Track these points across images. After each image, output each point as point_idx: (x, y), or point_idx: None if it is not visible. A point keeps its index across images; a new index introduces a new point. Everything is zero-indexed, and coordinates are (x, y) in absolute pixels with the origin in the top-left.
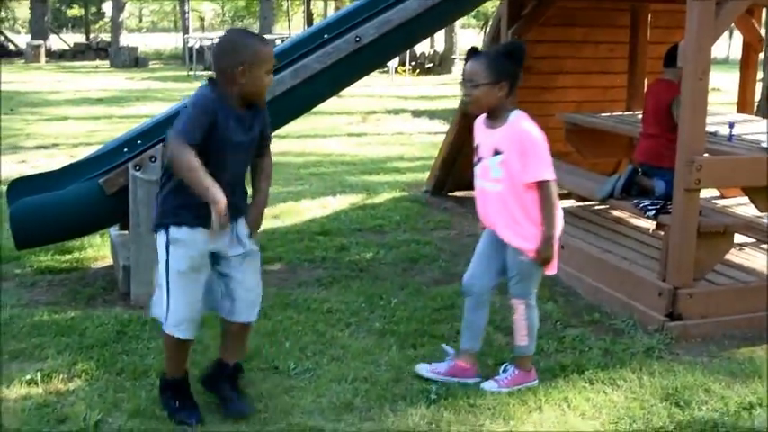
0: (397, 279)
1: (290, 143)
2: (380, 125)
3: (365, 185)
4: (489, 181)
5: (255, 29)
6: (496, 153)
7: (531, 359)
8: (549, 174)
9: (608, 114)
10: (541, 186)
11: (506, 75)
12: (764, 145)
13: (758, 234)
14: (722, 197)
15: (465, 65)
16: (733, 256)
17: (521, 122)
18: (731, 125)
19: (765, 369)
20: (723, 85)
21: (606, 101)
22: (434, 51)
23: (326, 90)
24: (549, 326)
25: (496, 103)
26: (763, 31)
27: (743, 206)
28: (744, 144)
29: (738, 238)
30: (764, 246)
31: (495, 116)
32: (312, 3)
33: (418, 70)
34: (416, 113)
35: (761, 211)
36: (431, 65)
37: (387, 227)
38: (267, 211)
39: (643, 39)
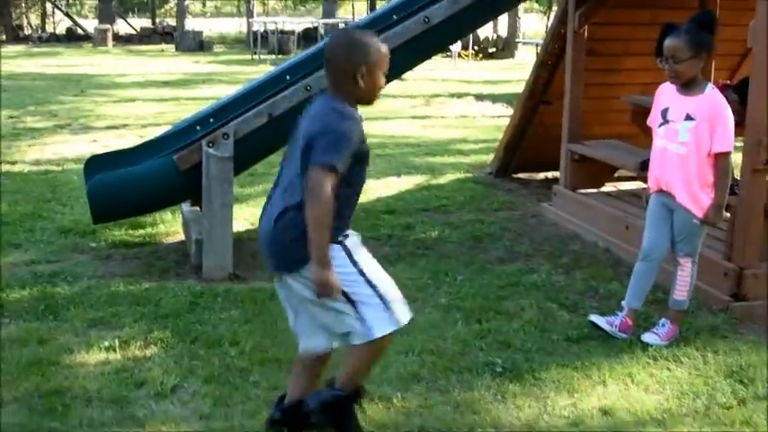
0: (462, 257)
1: None
2: (444, 108)
3: (429, 167)
4: (675, 143)
5: (318, 13)
6: (689, 118)
7: (683, 314)
8: (732, 146)
9: None
10: (723, 157)
11: (704, 46)
12: None
13: None
14: None
15: (665, 41)
16: None
17: (717, 96)
18: None
19: None
20: None
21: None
22: (497, 36)
23: (396, 70)
24: (614, 304)
25: (696, 74)
26: None
27: None
28: None
29: None
30: None
31: (692, 85)
32: None
33: (481, 54)
34: (479, 97)
35: None
36: (494, 49)
37: (451, 207)
38: None
39: (715, 20)
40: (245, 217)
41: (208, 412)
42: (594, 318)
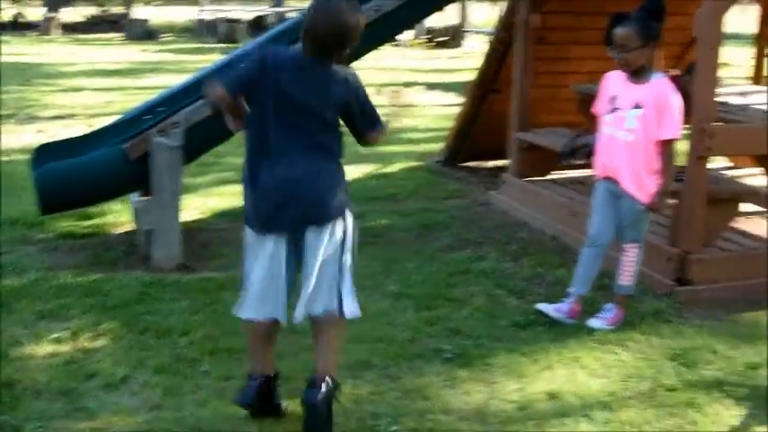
0: (412, 245)
1: None
2: (394, 97)
3: (379, 155)
4: (622, 130)
5: (268, 1)
6: (637, 107)
7: (629, 299)
8: (678, 134)
9: None
10: (669, 144)
11: (653, 35)
12: None
13: (765, 202)
14: (733, 167)
15: (615, 30)
16: (741, 223)
17: (665, 84)
18: (743, 95)
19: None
20: (735, 61)
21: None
22: (447, 25)
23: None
24: (560, 290)
25: (645, 63)
26: None
27: (752, 176)
28: (756, 113)
29: (747, 207)
30: None
31: (641, 73)
32: None
33: (434, 43)
34: (430, 86)
35: None
36: (443, 38)
37: (401, 195)
38: None
39: (663, 9)
40: (196, 206)
41: (158, 402)
42: (542, 306)
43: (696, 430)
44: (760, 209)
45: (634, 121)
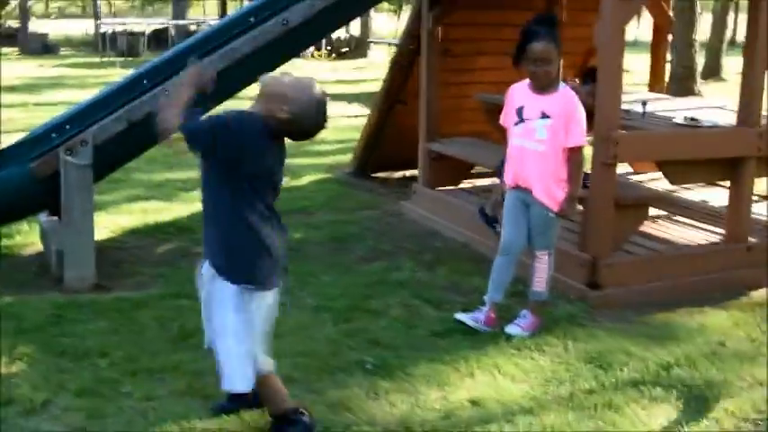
0: (326, 258)
1: None
2: None
3: (288, 168)
4: (532, 141)
5: (168, 14)
6: (544, 116)
7: (543, 305)
8: (584, 141)
9: None
10: (576, 151)
11: (560, 47)
12: (677, 121)
13: (671, 207)
14: (635, 173)
15: (532, 45)
16: (647, 227)
17: (570, 93)
18: (644, 103)
19: (681, 333)
20: (632, 67)
21: (520, 80)
22: (350, 36)
23: (255, 73)
24: (477, 298)
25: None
26: (671, 14)
27: (654, 181)
28: (656, 120)
29: (652, 211)
30: (677, 218)
31: (550, 84)
32: None
33: (334, 55)
34: (335, 97)
35: (673, 184)
36: (346, 49)
37: (312, 208)
38: (194, 195)
39: (558, 20)
40: (105, 225)
41: (82, 426)
42: (460, 316)
43: (616, 431)
44: (665, 212)
45: (543, 130)
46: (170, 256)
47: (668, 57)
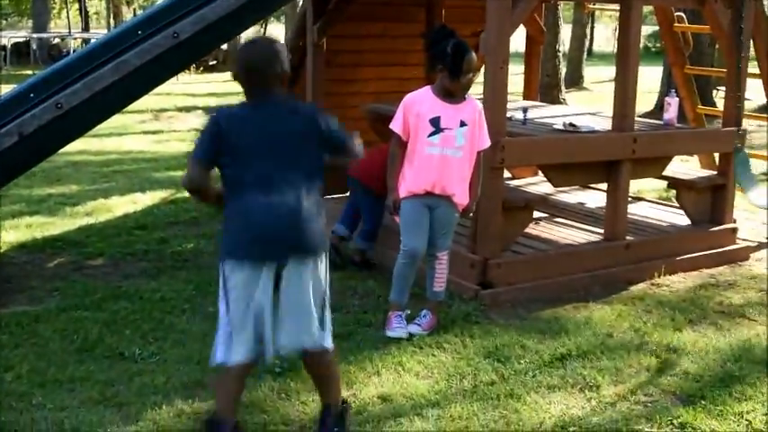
0: None
1: (86, 142)
2: (174, 122)
3: (172, 181)
4: (452, 148)
5: (24, 26)
6: (463, 124)
7: (440, 304)
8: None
9: None
10: (481, 153)
11: None
12: (557, 126)
13: (553, 209)
14: (513, 178)
15: (468, 58)
16: (532, 228)
17: (476, 101)
18: (524, 110)
19: (570, 326)
20: None
21: (404, 92)
22: (219, 49)
23: (145, 86)
24: (374, 300)
25: None
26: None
27: (532, 185)
28: (537, 127)
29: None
30: (558, 219)
31: (459, 94)
32: (86, 1)
33: (202, 68)
34: (208, 110)
35: (555, 186)
36: (214, 62)
37: (201, 218)
38: (79, 209)
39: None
40: None
41: None
42: (392, 333)
43: (520, 418)
44: (546, 214)
45: (462, 138)
46: (62, 270)
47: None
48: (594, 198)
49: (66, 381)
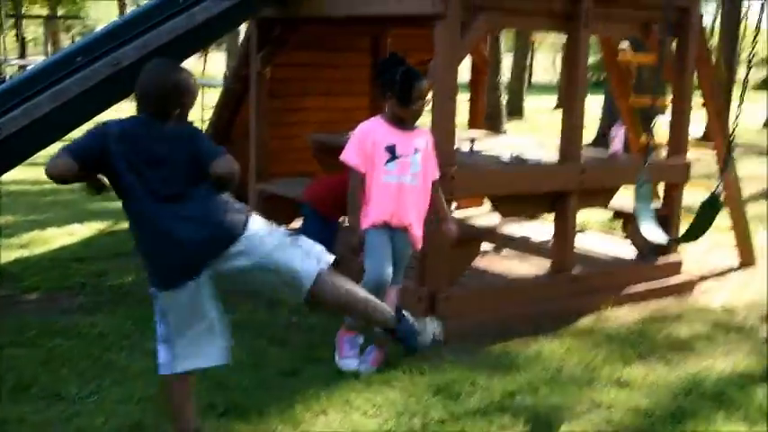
0: None
1: (22, 171)
2: None
3: (110, 212)
4: (409, 175)
5: None
6: (416, 151)
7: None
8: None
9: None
10: (437, 182)
11: None
12: (503, 159)
13: (500, 241)
14: (458, 208)
15: (419, 85)
16: (478, 261)
17: (425, 129)
18: (472, 141)
19: (520, 361)
20: None
21: (348, 121)
22: None
23: (86, 114)
24: (319, 336)
25: None
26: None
27: (476, 217)
28: (484, 158)
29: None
30: (504, 250)
31: (410, 121)
32: (23, 26)
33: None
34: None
35: (504, 216)
36: None
37: None
38: (14, 241)
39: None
40: None
41: None
42: (343, 364)
43: None
44: (493, 245)
45: (417, 165)
46: None
47: None
48: (539, 229)
49: None
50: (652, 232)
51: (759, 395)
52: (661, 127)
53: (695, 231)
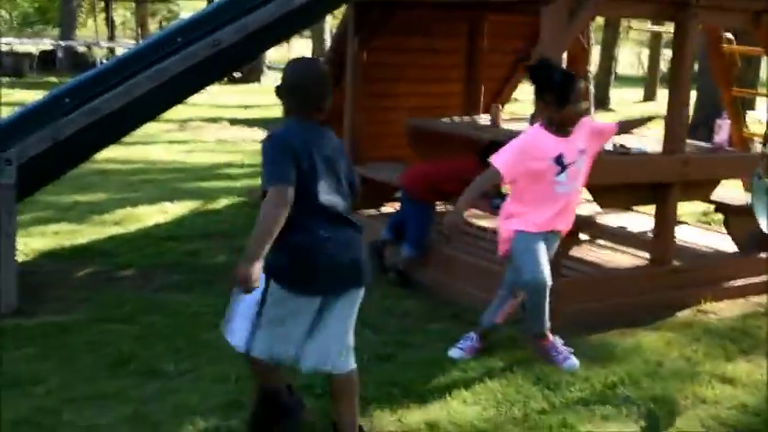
0: None
1: (112, 150)
2: (201, 133)
3: (201, 192)
4: (578, 182)
5: (51, 34)
6: (582, 153)
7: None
8: None
9: (450, 119)
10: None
11: None
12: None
13: (598, 232)
14: None
15: (577, 86)
16: (576, 251)
17: (585, 119)
18: None
19: (618, 353)
20: None
21: (443, 107)
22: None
23: (184, 93)
24: (412, 321)
25: None
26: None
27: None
28: None
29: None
30: (600, 242)
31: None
32: (112, 10)
33: (226, 79)
34: (233, 122)
35: (602, 208)
36: (239, 74)
37: (233, 231)
38: (107, 218)
39: (480, 47)
40: (18, 248)
41: None
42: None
43: None
44: (588, 237)
45: (583, 166)
46: (91, 280)
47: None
48: (633, 221)
49: (97, 397)
50: None
51: None
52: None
53: None
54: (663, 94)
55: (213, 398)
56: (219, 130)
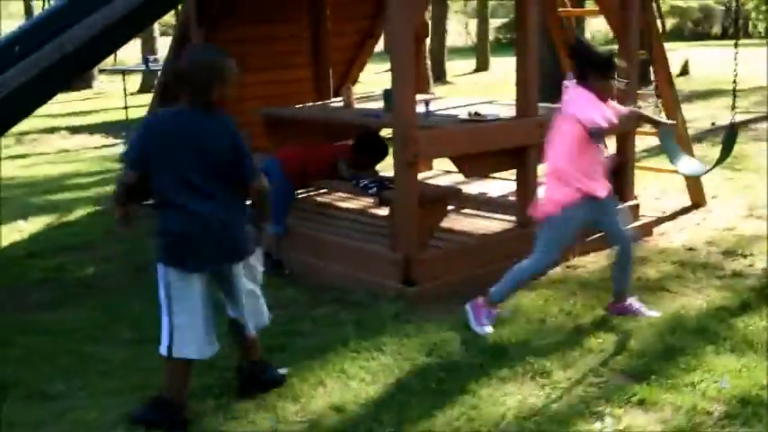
0: (131, 288)
1: None
2: (39, 145)
3: (53, 205)
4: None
5: None
6: None
7: None
8: None
9: (305, 105)
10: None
11: None
12: (462, 117)
13: (465, 200)
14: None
15: (617, 61)
16: (447, 222)
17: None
18: (426, 103)
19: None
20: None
21: (292, 94)
22: None
23: (34, 104)
24: (298, 309)
25: None
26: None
27: (436, 177)
28: (441, 118)
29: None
30: (465, 210)
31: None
32: None
33: None
34: (73, 130)
35: (467, 177)
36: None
37: (96, 241)
38: None
39: (324, 31)
40: None
41: None
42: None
43: (480, 414)
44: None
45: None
46: None
47: None
48: (495, 186)
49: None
50: (690, 166)
51: (740, 327)
52: None
53: (724, 156)
54: (495, 63)
55: (112, 411)
56: (59, 140)
